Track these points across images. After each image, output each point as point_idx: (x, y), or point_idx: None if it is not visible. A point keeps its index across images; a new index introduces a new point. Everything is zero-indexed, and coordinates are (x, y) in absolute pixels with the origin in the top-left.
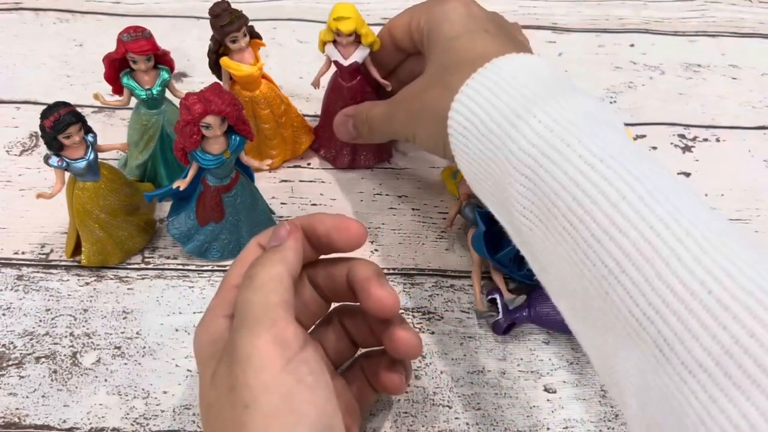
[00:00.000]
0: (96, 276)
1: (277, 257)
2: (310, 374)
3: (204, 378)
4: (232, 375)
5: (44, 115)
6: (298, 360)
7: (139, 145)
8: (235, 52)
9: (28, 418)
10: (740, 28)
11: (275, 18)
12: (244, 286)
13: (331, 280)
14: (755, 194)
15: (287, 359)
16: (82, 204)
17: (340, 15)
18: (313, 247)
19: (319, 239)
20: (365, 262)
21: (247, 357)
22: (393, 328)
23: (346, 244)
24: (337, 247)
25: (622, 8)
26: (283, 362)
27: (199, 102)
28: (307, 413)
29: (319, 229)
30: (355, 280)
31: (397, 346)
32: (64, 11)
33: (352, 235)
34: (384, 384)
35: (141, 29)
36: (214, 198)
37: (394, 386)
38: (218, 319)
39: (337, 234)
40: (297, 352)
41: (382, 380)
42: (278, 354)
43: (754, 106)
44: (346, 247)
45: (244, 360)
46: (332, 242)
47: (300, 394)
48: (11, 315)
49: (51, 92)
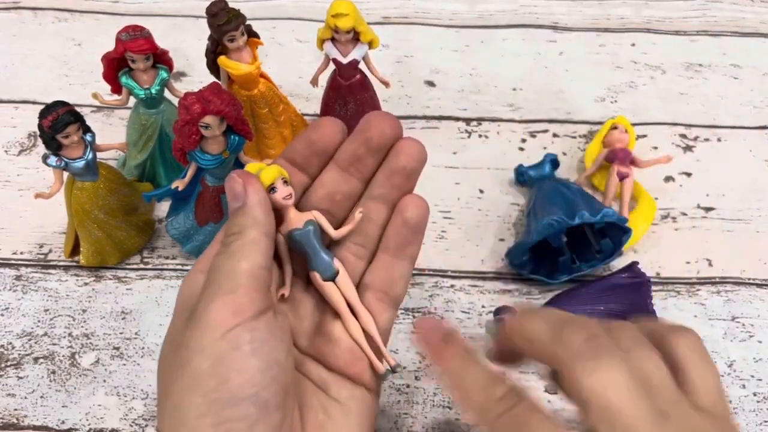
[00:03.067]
0: (95, 276)
1: (246, 221)
2: (250, 343)
3: (169, 328)
4: (184, 334)
5: (43, 115)
6: (243, 328)
7: (138, 144)
8: (233, 52)
9: (26, 418)
10: (741, 28)
11: (274, 17)
12: (219, 252)
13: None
14: (756, 194)
15: (232, 326)
16: (81, 204)
17: (337, 12)
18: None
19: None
20: None
21: (197, 319)
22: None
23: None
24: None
25: (623, 7)
26: (226, 329)
27: (197, 102)
28: (230, 379)
29: (299, 152)
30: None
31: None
32: (62, 10)
33: (326, 131)
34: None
35: (140, 28)
36: (213, 198)
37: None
38: (198, 275)
39: (316, 137)
40: (246, 320)
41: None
42: (225, 320)
43: (756, 105)
44: (330, 144)
45: (194, 321)
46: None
47: (230, 362)
48: (10, 315)
49: (49, 92)
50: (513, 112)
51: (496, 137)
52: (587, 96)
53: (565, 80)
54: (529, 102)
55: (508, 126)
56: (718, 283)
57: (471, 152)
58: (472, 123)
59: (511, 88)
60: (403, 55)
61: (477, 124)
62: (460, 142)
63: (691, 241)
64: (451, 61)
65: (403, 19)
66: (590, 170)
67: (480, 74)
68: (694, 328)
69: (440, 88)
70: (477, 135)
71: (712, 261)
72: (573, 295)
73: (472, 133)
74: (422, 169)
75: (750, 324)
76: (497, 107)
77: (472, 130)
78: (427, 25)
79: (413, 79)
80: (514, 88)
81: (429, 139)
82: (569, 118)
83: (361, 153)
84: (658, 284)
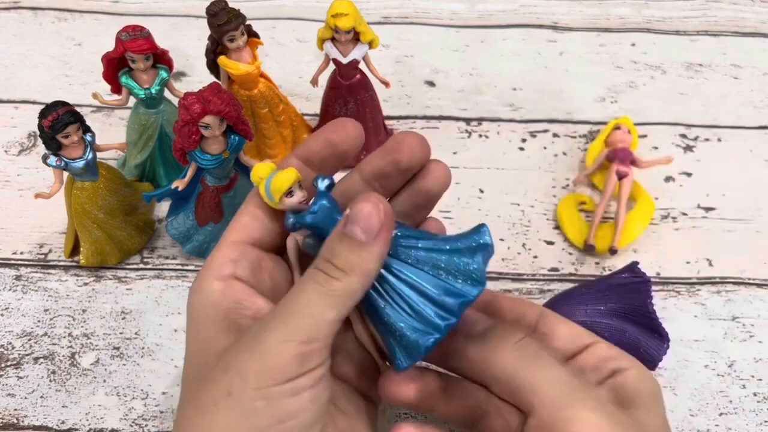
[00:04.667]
0: (95, 276)
1: (360, 265)
2: (310, 389)
3: (202, 336)
4: (238, 356)
5: (42, 115)
6: (308, 377)
7: (138, 144)
8: (233, 51)
9: (26, 419)
10: (742, 28)
11: (274, 17)
12: (309, 278)
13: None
14: (757, 194)
15: (297, 375)
16: (81, 204)
17: (338, 12)
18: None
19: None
20: None
21: (260, 350)
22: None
23: (350, 146)
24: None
25: (623, 7)
26: (291, 376)
27: (197, 102)
28: (285, 422)
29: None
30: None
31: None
32: (62, 10)
33: (349, 134)
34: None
35: (140, 28)
36: (213, 198)
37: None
38: (214, 282)
39: (337, 141)
40: (313, 369)
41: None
42: (293, 368)
43: (756, 105)
44: (349, 147)
45: (255, 352)
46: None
47: (288, 405)
48: (9, 315)
49: (49, 92)
50: (513, 112)
51: (496, 137)
52: (587, 96)
53: (565, 80)
54: (529, 102)
55: (508, 126)
56: (719, 283)
57: (471, 152)
58: (472, 123)
59: (511, 88)
60: (403, 55)
61: (477, 124)
62: (460, 142)
63: (692, 241)
64: (451, 60)
65: (403, 19)
66: (590, 169)
67: (480, 74)
68: (695, 328)
69: (440, 88)
70: (477, 135)
71: (713, 261)
72: (573, 295)
73: (472, 133)
74: (445, 191)
75: (750, 324)
76: (497, 107)
77: (472, 130)
78: (427, 25)
79: (413, 79)
80: (514, 88)
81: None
82: (569, 118)
83: (389, 171)
84: (659, 284)
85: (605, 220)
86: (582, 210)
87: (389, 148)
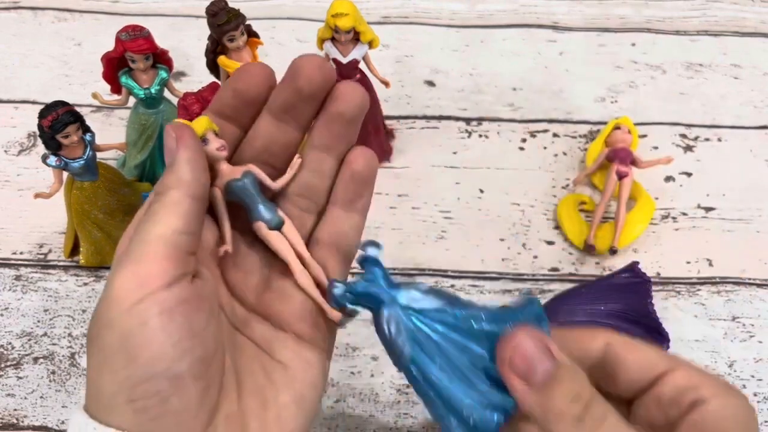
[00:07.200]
0: (94, 276)
1: (171, 181)
2: (158, 315)
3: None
4: (97, 307)
5: (42, 115)
6: (152, 300)
7: (138, 144)
8: (232, 51)
9: (26, 419)
10: (742, 28)
11: (274, 17)
12: (141, 219)
13: None
14: (757, 194)
15: (139, 298)
16: (80, 204)
17: (337, 12)
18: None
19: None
20: None
21: (105, 291)
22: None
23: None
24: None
25: (624, 7)
26: (134, 300)
27: (197, 102)
28: (138, 356)
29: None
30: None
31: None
32: (62, 10)
33: (253, 79)
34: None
35: (140, 28)
36: None
37: None
38: (126, 240)
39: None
40: (155, 291)
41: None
42: (131, 292)
43: (756, 105)
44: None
45: (103, 294)
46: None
47: (138, 337)
48: (9, 315)
49: (49, 92)
50: (513, 112)
51: (496, 137)
52: (587, 96)
53: (565, 80)
54: (529, 102)
55: (508, 126)
56: (719, 283)
57: (471, 152)
58: (472, 123)
59: (511, 88)
60: (403, 54)
61: (477, 123)
62: (460, 142)
63: (692, 241)
64: (451, 60)
65: (403, 18)
66: (590, 169)
67: (480, 74)
68: (695, 328)
69: (440, 88)
70: (477, 135)
71: (713, 261)
72: (573, 295)
73: (472, 133)
74: (363, 115)
75: (750, 324)
76: (497, 107)
77: (472, 130)
78: (427, 25)
79: (413, 78)
80: (514, 87)
81: (429, 139)
82: (569, 118)
83: (293, 101)
84: (659, 284)
85: (605, 220)
86: (582, 210)
87: (287, 77)
